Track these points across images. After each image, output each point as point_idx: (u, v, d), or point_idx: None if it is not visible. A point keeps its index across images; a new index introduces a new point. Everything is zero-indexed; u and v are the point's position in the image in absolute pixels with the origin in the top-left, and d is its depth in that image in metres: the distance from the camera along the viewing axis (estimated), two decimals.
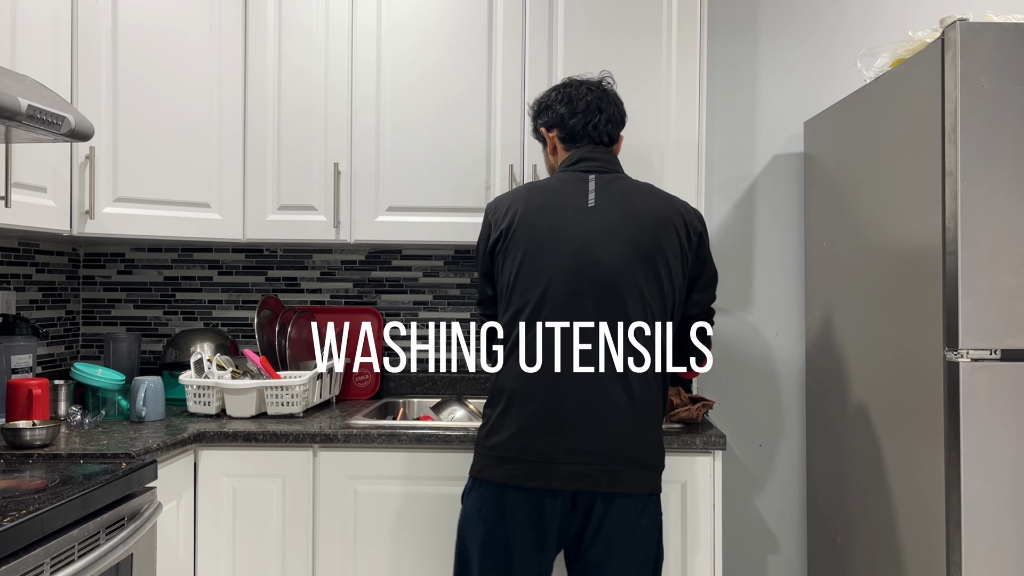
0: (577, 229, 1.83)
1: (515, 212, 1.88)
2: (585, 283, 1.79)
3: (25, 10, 2.01)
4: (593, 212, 1.85)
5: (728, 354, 2.86)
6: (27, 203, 2.03)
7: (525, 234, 1.85)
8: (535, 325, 1.80)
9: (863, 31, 2.84)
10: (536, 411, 1.77)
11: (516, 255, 1.85)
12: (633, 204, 1.87)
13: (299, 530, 2.21)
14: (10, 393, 2.15)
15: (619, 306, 1.80)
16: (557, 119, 2.00)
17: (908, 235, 2.06)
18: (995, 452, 1.85)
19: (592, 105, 1.98)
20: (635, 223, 1.84)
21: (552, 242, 1.82)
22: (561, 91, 2.03)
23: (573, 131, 1.98)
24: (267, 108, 2.55)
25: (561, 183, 1.92)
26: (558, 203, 1.87)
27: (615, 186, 1.90)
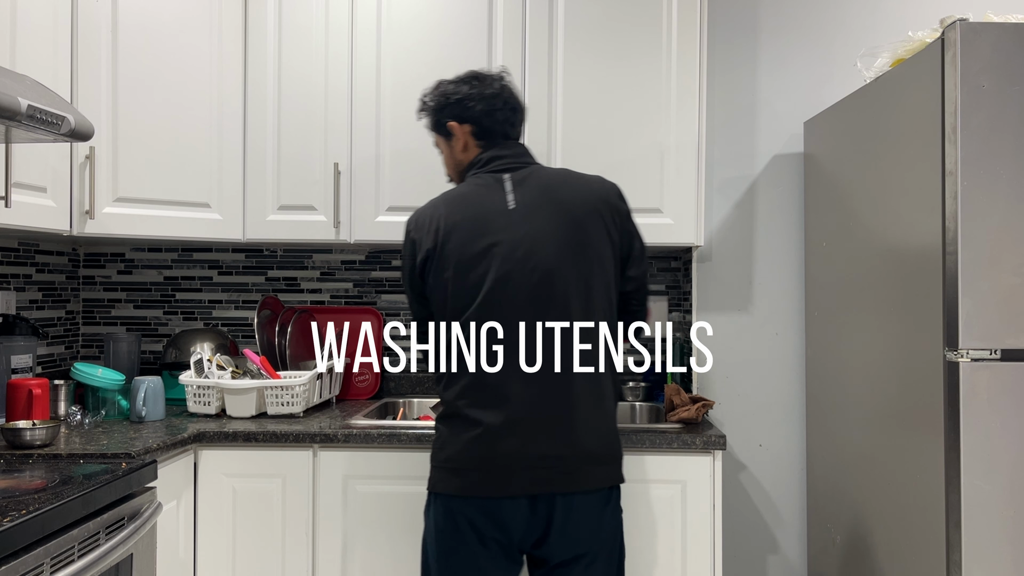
0: (504, 235, 1.78)
1: (438, 228, 1.81)
2: (520, 288, 1.76)
3: (25, 10, 2.01)
4: (515, 214, 1.80)
5: (728, 354, 2.86)
6: (27, 203, 2.03)
7: (454, 249, 1.79)
8: (476, 337, 1.76)
9: (863, 31, 2.84)
10: (486, 420, 1.74)
11: (447, 271, 1.79)
12: (553, 197, 1.82)
13: (299, 530, 2.21)
14: (10, 393, 2.15)
15: (557, 305, 1.76)
16: (474, 114, 1.91)
17: (908, 235, 2.06)
18: (995, 452, 1.85)
19: (511, 102, 1.93)
20: (559, 217, 1.80)
21: (481, 253, 1.77)
22: (474, 84, 1.93)
23: (491, 128, 1.91)
24: (267, 108, 2.55)
25: (477, 189, 1.86)
26: (479, 211, 1.81)
27: (532, 182, 1.85)
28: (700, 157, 2.50)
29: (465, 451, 1.75)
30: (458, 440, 1.76)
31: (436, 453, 1.81)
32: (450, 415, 1.79)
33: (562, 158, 2.49)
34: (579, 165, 2.48)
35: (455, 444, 1.77)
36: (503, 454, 1.73)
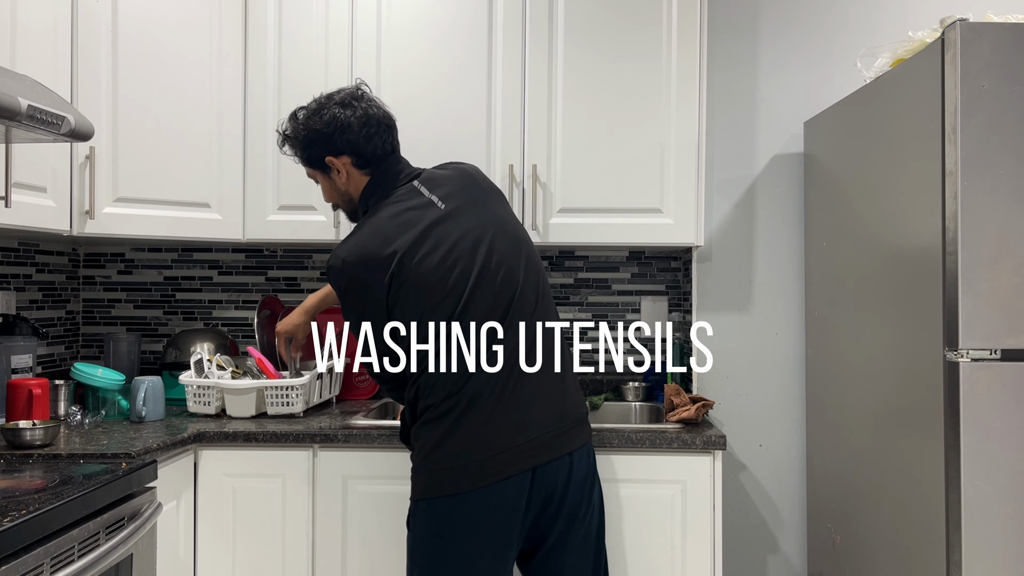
0: (453, 236, 1.79)
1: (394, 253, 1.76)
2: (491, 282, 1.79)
3: (25, 10, 2.01)
4: (451, 214, 1.82)
5: (728, 354, 2.86)
6: (27, 203, 2.03)
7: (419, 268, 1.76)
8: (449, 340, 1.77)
9: (863, 31, 2.84)
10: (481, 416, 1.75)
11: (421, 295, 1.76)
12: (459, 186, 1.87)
13: (299, 530, 2.21)
14: (10, 393, 2.15)
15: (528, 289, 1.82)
16: (349, 144, 1.86)
17: (908, 235, 2.06)
18: (995, 452, 1.85)
19: (384, 121, 1.90)
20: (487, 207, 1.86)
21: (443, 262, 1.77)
22: (341, 111, 1.87)
23: (375, 153, 1.88)
24: (267, 108, 2.55)
25: (405, 208, 1.82)
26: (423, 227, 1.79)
27: (437, 182, 1.87)
28: (700, 157, 2.50)
29: (461, 449, 1.76)
30: (449, 442, 1.76)
31: (424, 459, 1.79)
32: (437, 418, 1.78)
33: (562, 158, 2.50)
34: (579, 165, 2.48)
35: (446, 446, 1.76)
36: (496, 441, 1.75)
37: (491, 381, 1.76)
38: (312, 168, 1.95)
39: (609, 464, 2.17)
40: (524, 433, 1.76)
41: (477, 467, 1.74)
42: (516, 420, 1.76)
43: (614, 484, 2.17)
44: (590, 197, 2.50)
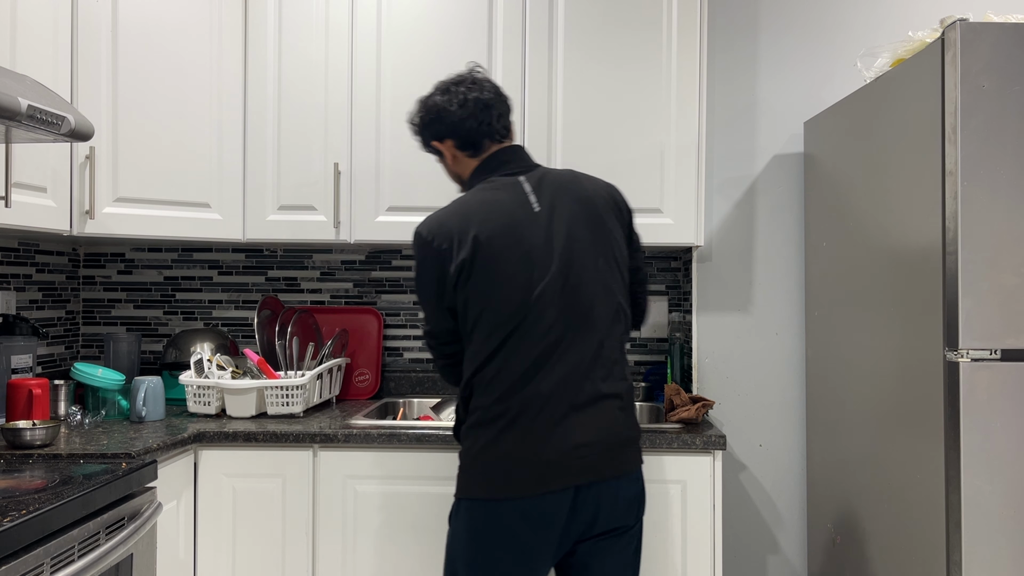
0: (539, 239, 1.78)
1: (470, 238, 1.77)
2: (562, 292, 1.76)
3: (25, 10, 2.02)
4: (543, 217, 1.80)
5: (728, 354, 2.86)
6: (27, 203, 2.03)
7: (492, 260, 1.76)
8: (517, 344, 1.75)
9: (863, 31, 2.84)
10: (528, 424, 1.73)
11: (489, 281, 1.76)
12: (574, 196, 1.83)
13: (299, 530, 2.21)
14: (10, 393, 2.15)
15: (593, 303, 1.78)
16: (449, 127, 1.89)
17: (908, 235, 2.06)
18: (995, 452, 1.85)
19: (479, 103, 1.89)
20: (586, 215, 1.82)
21: (522, 260, 1.76)
22: (441, 97, 1.91)
23: (470, 136, 1.89)
24: (267, 108, 2.55)
25: (496, 194, 1.83)
26: (511, 218, 1.79)
27: (548, 182, 1.85)
28: (700, 157, 2.50)
29: (506, 457, 1.73)
30: (498, 444, 1.74)
31: (474, 458, 1.77)
32: (487, 421, 1.75)
33: (562, 158, 2.50)
34: (579, 165, 2.48)
35: (494, 449, 1.74)
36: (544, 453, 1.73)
37: (545, 393, 1.74)
38: (428, 152, 2.00)
39: None
40: (571, 450, 1.73)
41: (519, 476, 1.73)
42: (565, 436, 1.73)
43: None
44: None
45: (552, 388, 1.74)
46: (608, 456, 1.76)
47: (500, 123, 1.91)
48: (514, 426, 1.74)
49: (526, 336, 1.76)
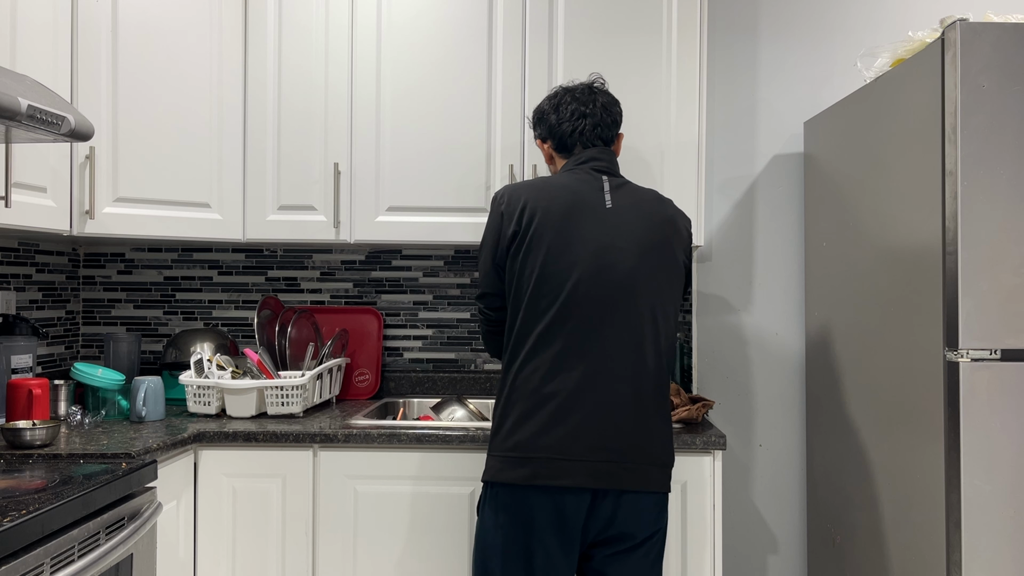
0: (598, 231, 1.83)
1: (536, 209, 1.85)
2: (605, 286, 1.80)
3: (25, 10, 2.01)
4: (612, 215, 1.86)
5: (728, 354, 2.86)
6: (27, 203, 2.03)
7: (547, 234, 1.83)
8: (553, 327, 1.80)
9: (863, 31, 2.84)
10: (556, 412, 1.77)
11: (538, 254, 1.83)
12: (646, 209, 1.89)
13: (299, 530, 2.21)
14: (10, 393, 2.15)
15: (636, 309, 1.81)
16: (547, 130, 2.03)
17: (908, 235, 2.06)
18: (995, 452, 1.85)
19: (576, 112, 1.98)
20: (650, 228, 1.86)
21: (574, 244, 1.82)
22: (550, 100, 2.04)
23: (563, 140, 2.00)
24: (267, 108, 2.55)
25: (577, 183, 1.90)
26: (579, 203, 1.86)
27: (627, 190, 1.92)
28: (700, 157, 2.50)
29: (532, 441, 1.77)
30: (525, 429, 1.78)
31: (500, 442, 1.82)
32: (517, 404, 1.80)
33: None
34: None
35: (520, 433, 1.78)
36: (570, 447, 1.76)
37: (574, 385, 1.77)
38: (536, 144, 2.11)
39: None
40: (593, 449, 1.76)
41: (537, 464, 1.76)
42: (589, 434, 1.76)
43: None
44: None
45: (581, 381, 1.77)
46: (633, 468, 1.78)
47: (594, 133, 1.99)
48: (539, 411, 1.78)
49: (560, 321, 1.79)
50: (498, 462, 1.81)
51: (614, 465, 1.76)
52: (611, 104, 2.03)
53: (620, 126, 2.05)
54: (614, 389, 1.78)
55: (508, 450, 1.80)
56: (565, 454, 1.76)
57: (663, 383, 1.85)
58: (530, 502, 1.77)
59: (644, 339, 1.81)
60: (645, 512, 1.81)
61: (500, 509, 1.81)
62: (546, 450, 1.76)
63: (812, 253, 2.74)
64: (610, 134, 2.01)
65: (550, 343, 1.80)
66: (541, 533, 1.78)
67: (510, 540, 1.79)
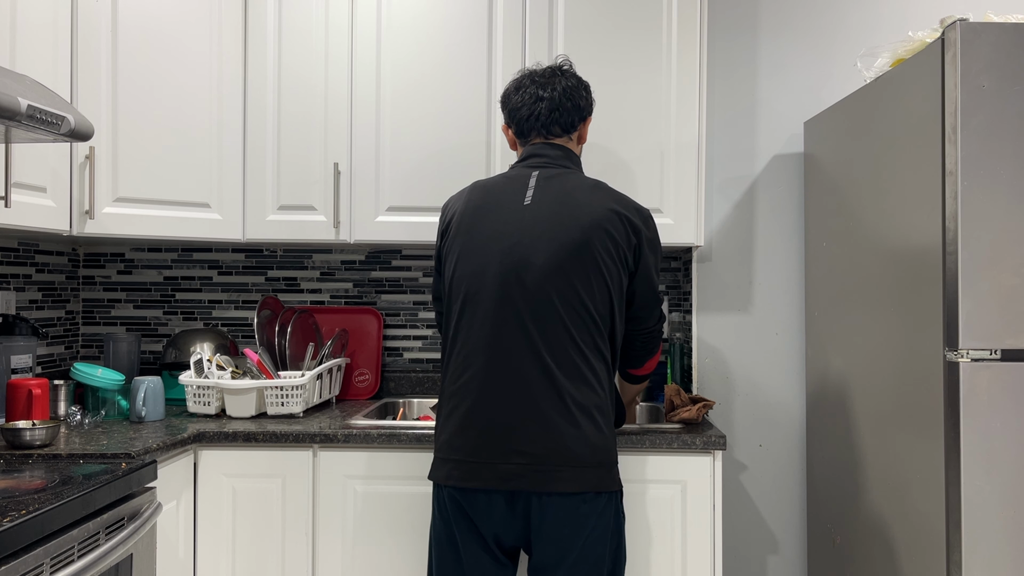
0: (510, 229, 1.80)
1: (456, 211, 1.89)
2: (513, 284, 1.77)
3: (25, 10, 2.01)
4: (527, 211, 1.82)
5: (728, 354, 2.86)
6: (27, 203, 2.03)
7: (461, 235, 1.86)
8: (464, 329, 1.80)
9: (863, 31, 2.84)
10: (470, 413, 1.77)
11: (453, 256, 1.86)
12: (571, 202, 1.82)
13: (299, 530, 2.21)
14: (10, 393, 2.15)
15: (549, 308, 1.76)
16: (508, 114, 1.99)
17: (908, 235, 2.06)
18: (995, 452, 1.85)
19: (534, 96, 1.92)
20: (570, 222, 1.79)
21: (485, 243, 1.81)
22: (513, 83, 2.00)
23: (520, 126, 1.96)
24: (267, 108, 2.55)
25: (505, 181, 1.91)
26: (495, 202, 1.85)
27: (557, 183, 1.85)
28: (700, 157, 2.49)
29: (450, 442, 1.81)
30: (446, 431, 1.82)
31: (434, 442, 1.88)
32: (443, 405, 1.85)
33: None
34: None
35: (443, 434, 1.83)
36: (483, 448, 1.76)
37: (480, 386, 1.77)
38: None
39: None
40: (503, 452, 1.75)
41: (452, 465, 1.79)
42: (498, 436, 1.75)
43: None
44: None
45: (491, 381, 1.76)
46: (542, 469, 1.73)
47: (551, 118, 1.93)
48: (456, 413, 1.80)
49: (472, 321, 1.79)
50: (434, 460, 1.86)
51: (524, 467, 1.73)
52: (574, 88, 1.95)
53: (585, 111, 1.97)
54: (520, 390, 1.74)
55: (437, 450, 1.85)
56: (475, 456, 1.76)
57: (591, 380, 1.78)
58: (452, 500, 1.81)
59: (557, 335, 1.76)
60: (564, 517, 1.75)
61: (436, 505, 1.86)
62: (459, 451, 1.78)
63: (812, 253, 2.74)
64: (570, 120, 1.94)
65: (461, 345, 1.81)
66: (463, 533, 1.81)
67: (440, 533, 1.84)
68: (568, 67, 1.99)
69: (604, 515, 1.80)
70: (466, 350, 1.80)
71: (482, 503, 1.77)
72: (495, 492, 1.76)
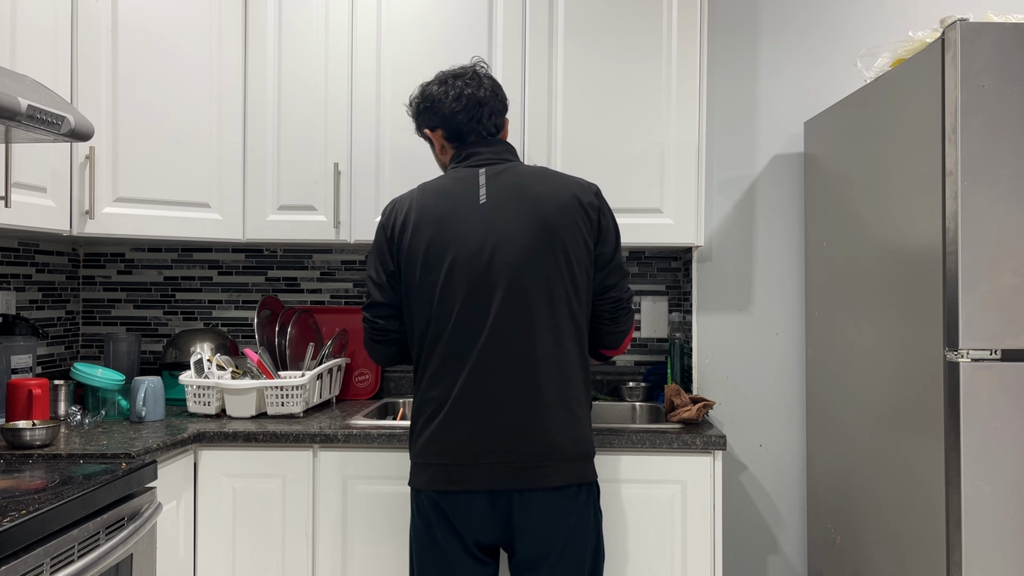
0: (473, 230, 1.79)
1: (410, 219, 1.84)
2: (487, 285, 1.76)
3: (25, 10, 2.01)
4: (486, 209, 1.81)
5: (728, 354, 2.86)
6: (27, 203, 2.03)
7: (421, 240, 1.81)
8: (437, 334, 1.79)
9: (863, 31, 2.84)
10: (450, 416, 1.76)
11: (416, 262, 1.82)
12: (527, 193, 1.82)
13: (299, 530, 2.21)
14: (10, 393, 2.15)
15: (525, 302, 1.76)
16: (440, 118, 1.93)
17: (908, 235, 2.06)
18: (995, 452, 1.85)
19: (473, 99, 1.91)
20: (531, 213, 1.80)
21: (449, 246, 1.79)
22: (438, 88, 1.94)
23: (459, 129, 1.92)
24: (267, 108, 2.55)
25: (453, 182, 1.87)
26: (450, 204, 1.83)
27: (506, 177, 1.85)
28: (700, 157, 2.49)
29: (429, 447, 1.79)
30: (424, 436, 1.80)
31: (410, 448, 1.86)
32: (420, 411, 1.83)
33: (562, 158, 2.50)
34: (579, 165, 2.48)
35: (422, 439, 1.81)
36: (464, 451, 1.76)
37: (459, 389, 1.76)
38: (420, 136, 2.04)
39: (610, 464, 2.17)
40: (486, 452, 1.74)
41: (433, 470, 1.78)
42: (480, 436, 1.75)
43: (615, 484, 2.17)
44: None
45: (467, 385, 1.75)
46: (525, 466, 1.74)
47: (490, 121, 1.93)
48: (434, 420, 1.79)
49: (447, 326, 1.78)
50: (412, 467, 1.84)
51: (507, 466, 1.74)
52: (498, 88, 1.97)
53: (506, 108, 1.99)
54: (501, 388, 1.74)
55: (415, 456, 1.83)
56: (458, 459, 1.76)
57: (569, 372, 1.78)
58: (433, 505, 1.80)
59: (534, 330, 1.76)
60: (547, 512, 1.75)
61: (415, 509, 1.85)
62: (440, 456, 1.77)
63: (812, 253, 2.74)
64: (501, 121, 1.97)
65: (435, 350, 1.79)
66: (444, 534, 1.80)
67: (422, 539, 1.84)
68: (484, 68, 1.99)
69: (584, 511, 1.81)
70: (442, 354, 1.78)
71: (463, 505, 1.77)
72: (477, 493, 1.76)
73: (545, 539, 1.77)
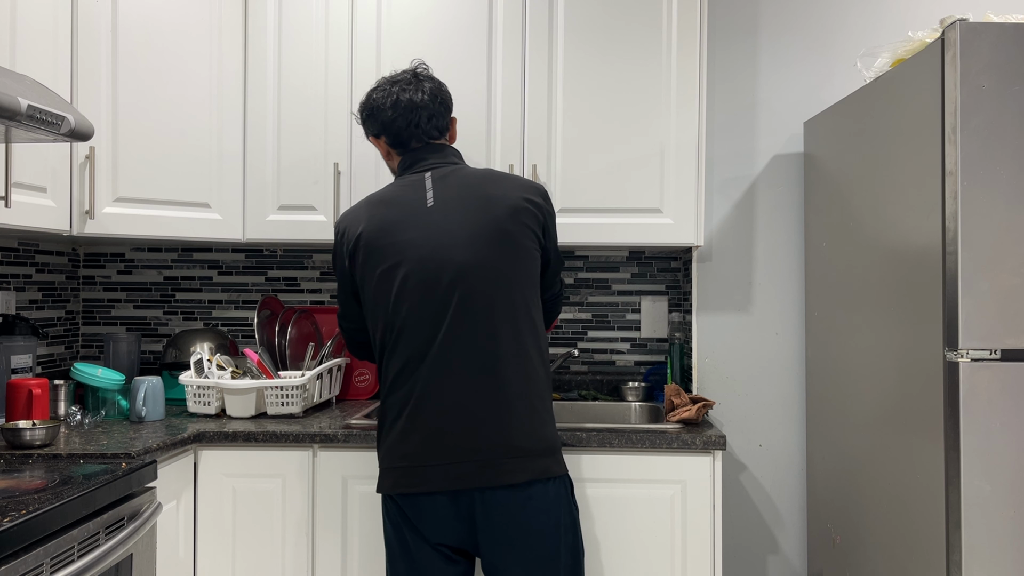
0: (423, 234, 1.79)
1: (362, 235, 1.84)
2: (441, 287, 1.76)
3: (25, 10, 2.02)
4: (434, 212, 1.81)
5: (728, 354, 2.86)
6: (27, 203, 2.03)
7: (375, 254, 1.82)
8: (400, 338, 1.79)
9: (863, 31, 2.84)
10: (412, 419, 1.76)
11: (372, 275, 1.82)
12: (476, 194, 1.83)
13: (299, 530, 2.21)
14: (10, 393, 2.15)
15: (481, 301, 1.76)
16: (381, 125, 1.94)
17: (908, 235, 2.06)
18: (995, 452, 1.85)
19: (410, 104, 1.91)
20: (481, 214, 1.80)
21: (402, 255, 1.79)
22: (377, 94, 1.95)
23: (399, 136, 1.93)
24: (267, 108, 2.55)
25: (400, 189, 1.88)
26: (399, 212, 1.83)
27: (452, 180, 1.86)
28: (700, 157, 2.49)
29: (391, 452, 1.80)
30: (387, 441, 1.82)
31: (377, 453, 1.87)
32: (383, 417, 1.84)
33: (562, 158, 2.50)
34: (579, 165, 2.48)
35: (384, 445, 1.82)
36: (423, 454, 1.76)
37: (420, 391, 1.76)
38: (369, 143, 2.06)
39: (609, 464, 2.17)
40: (448, 451, 1.74)
41: (397, 473, 1.79)
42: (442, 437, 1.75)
43: (614, 484, 2.17)
44: (590, 197, 2.50)
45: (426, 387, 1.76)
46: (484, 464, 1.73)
47: (431, 124, 1.93)
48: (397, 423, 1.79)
49: (404, 332, 1.78)
50: (380, 472, 1.85)
51: (468, 464, 1.73)
52: (438, 90, 1.96)
53: (451, 110, 1.99)
54: (460, 388, 1.74)
55: (380, 461, 1.84)
56: (420, 461, 1.76)
57: (529, 368, 1.78)
58: (397, 508, 1.81)
59: (495, 328, 1.76)
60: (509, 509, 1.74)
61: (384, 513, 1.87)
62: (402, 459, 1.78)
63: (812, 253, 2.74)
64: (444, 122, 1.96)
65: (394, 356, 1.80)
66: (412, 536, 1.80)
67: (393, 542, 1.85)
68: (424, 70, 1.99)
69: (554, 507, 1.79)
70: (401, 359, 1.78)
71: (425, 506, 1.77)
72: (438, 494, 1.75)
73: (510, 539, 1.75)
